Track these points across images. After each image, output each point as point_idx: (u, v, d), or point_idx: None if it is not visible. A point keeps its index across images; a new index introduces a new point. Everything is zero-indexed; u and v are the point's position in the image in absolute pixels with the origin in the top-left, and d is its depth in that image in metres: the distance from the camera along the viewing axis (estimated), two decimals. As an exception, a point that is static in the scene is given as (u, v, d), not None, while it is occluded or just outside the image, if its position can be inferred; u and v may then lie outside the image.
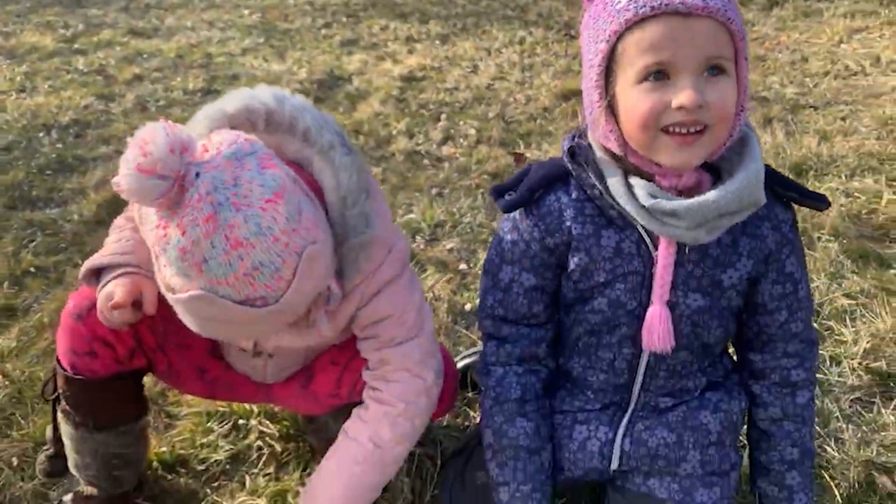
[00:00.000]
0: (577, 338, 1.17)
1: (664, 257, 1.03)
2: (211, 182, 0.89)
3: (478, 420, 1.53)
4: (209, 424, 1.62)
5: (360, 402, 1.31)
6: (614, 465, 1.17)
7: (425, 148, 3.09)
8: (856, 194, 2.48)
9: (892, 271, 2.06)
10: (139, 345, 1.25)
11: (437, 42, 4.62)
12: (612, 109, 0.98)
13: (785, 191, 1.07)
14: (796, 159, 2.74)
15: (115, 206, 2.64)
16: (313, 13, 5.40)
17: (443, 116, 3.42)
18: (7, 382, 1.74)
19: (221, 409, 1.65)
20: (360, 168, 1.10)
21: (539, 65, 4.13)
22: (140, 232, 1.18)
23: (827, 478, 1.42)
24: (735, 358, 1.25)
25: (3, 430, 1.62)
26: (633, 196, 1.00)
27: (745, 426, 1.24)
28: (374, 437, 1.21)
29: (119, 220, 1.32)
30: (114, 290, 1.13)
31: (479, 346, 1.67)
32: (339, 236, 1.07)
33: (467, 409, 1.67)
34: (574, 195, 1.08)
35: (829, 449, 1.48)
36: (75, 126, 3.41)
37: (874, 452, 1.47)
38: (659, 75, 0.92)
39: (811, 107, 3.33)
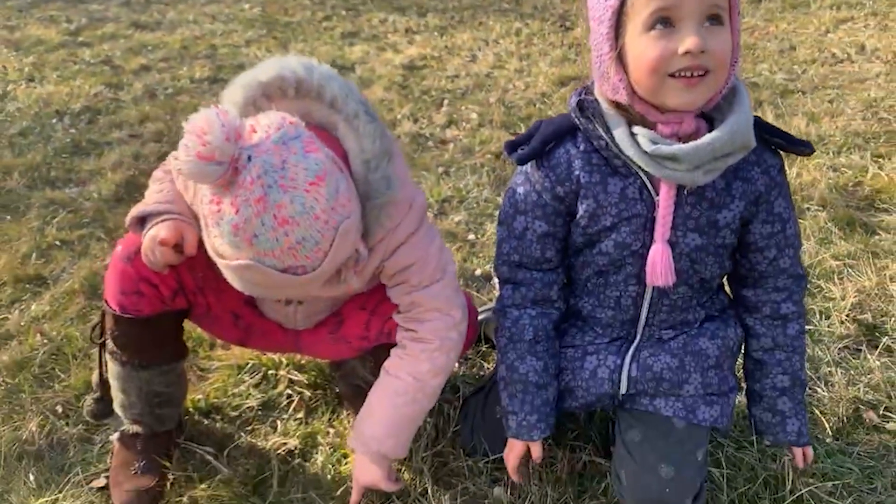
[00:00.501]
0: (587, 279, 1.28)
1: (665, 200, 1.14)
2: (261, 166, 0.99)
3: (492, 369, 1.64)
4: (240, 376, 1.72)
5: (388, 344, 1.42)
6: (623, 390, 1.27)
7: (429, 131, 3.20)
8: (843, 169, 2.61)
9: (876, 237, 2.18)
10: (181, 287, 1.35)
11: (436, 33, 4.73)
12: (621, 60, 1.08)
13: (772, 137, 1.18)
14: (786, 138, 2.86)
15: (133, 185, 2.75)
16: (313, 7, 5.50)
17: (445, 102, 3.53)
18: (46, 340, 1.84)
19: (251, 361, 1.75)
20: (382, 134, 1.20)
21: (536, 54, 4.24)
22: (183, 195, 1.30)
23: (818, 413, 1.54)
24: (731, 295, 1.36)
25: (45, 382, 1.72)
26: (636, 144, 1.10)
27: (742, 356, 1.35)
28: (414, 371, 1.32)
29: (158, 173, 1.41)
30: (158, 231, 1.23)
31: (491, 305, 1.77)
32: (362, 197, 1.17)
33: (482, 361, 1.78)
34: (582, 147, 1.18)
35: (819, 390, 1.60)
36: (87, 113, 3.49)
37: (861, 392, 1.59)
38: (665, 23, 1.02)
39: (800, 91, 3.45)
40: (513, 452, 1.34)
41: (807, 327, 1.79)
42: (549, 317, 1.31)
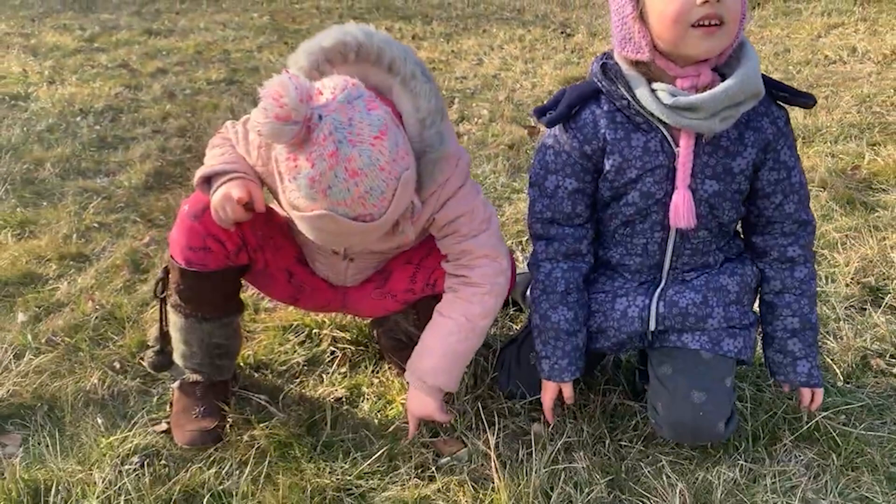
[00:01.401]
0: (615, 230, 1.40)
1: (685, 148, 1.26)
2: (332, 123, 1.11)
3: (522, 325, 1.76)
4: (285, 335, 1.83)
5: (432, 296, 1.53)
6: (651, 327, 1.39)
7: (443, 126, 3.33)
8: (840, 155, 2.75)
9: (875, 213, 2.31)
10: (244, 243, 1.46)
11: (442, 39, 4.89)
12: (643, 19, 1.21)
13: (778, 92, 1.30)
14: (785, 129, 3.01)
15: (162, 175, 2.86)
16: (320, 15, 5.66)
17: (456, 100, 3.67)
18: (97, 307, 1.94)
19: (295, 322, 1.86)
20: (437, 93, 1.32)
21: (540, 58, 4.39)
22: (247, 154, 1.41)
23: (829, 361, 1.66)
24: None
25: (101, 343, 1.81)
26: (657, 99, 1.23)
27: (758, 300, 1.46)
28: (466, 312, 1.42)
29: (216, 140, 1.52)
30: (230, 190, 1.34)
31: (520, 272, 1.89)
32: (417, 153, 1.29)
33: (510, 323, 1.89)
34: (605, 108, 1.31)
35: (829, 342, 1.72)
36: (109, 111, 3.61)
37: (868, 342, 1.71)
38: None
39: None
40: (547, 394, 1.45)
41: (812, 253, 1.93)
42: (579, 270, 1.43)
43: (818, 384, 1.39)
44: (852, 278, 1.95)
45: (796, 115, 3.17)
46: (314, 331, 1.83)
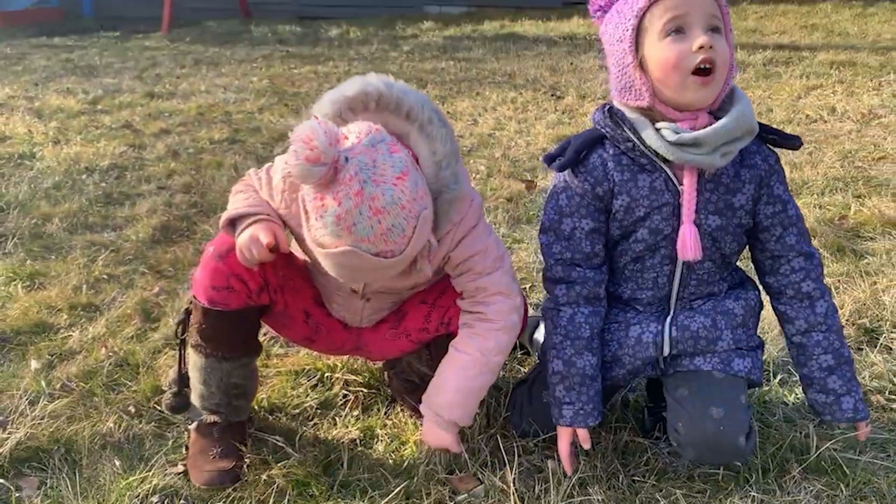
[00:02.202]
0: (624, 266, 1.46)
1: (689, 186, 1.34)
2: (357, 165, 1.19)
3: (531, 366, 1.80)
4: (297, 380, 1.86)
5: (446, 335, 1.57)
6: (665, 352, 1.44)
7: (442, 181, 3.42)
8: (827, 206, 2.85)
9: (865, 260, 2.40)
10: (265, 283, 1.51)
11: (437, 101, 5.04)
12: (643, 68, 1.31)
13: (768, 135, 1.40)
14: (773, 183, 3.12)
15: (169, 229, 2.92)
16: (318, 79, 5.84)
17: (453, 158, 3.77)
18: (111, 354, 1.96)
19: (307, 366, 1.89)
20: (452, 137, 1.40)
21: (532, 118, 4.54)
22: (270, 198, 1.47)
23: (830, 397, 1.70)
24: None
25: (115, 388, 1.84)
26: (662, 137, 1.32)
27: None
28: (481, 347, 1.47)
29: (239, 186, 1.59)
30: (257, 233, 1.40)
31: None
32: (433, 193, 1.36)
33: (518, 366, 1.93)
34: (611, 151, 1.39)
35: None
36: (114, 169, 3.69)
37: (867, 379, 1.76)
38: (678, 31, 1.27)
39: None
40: (563, 440, 1.47)
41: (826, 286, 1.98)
42: (599, 314, 1.47)
43: (865, 416, 1.42)
44: (847, 320, 2.01)
45: (784, 168, 3.29)
46: (326, 375, 1.87)
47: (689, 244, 1.35)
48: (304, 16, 10.84)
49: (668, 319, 1.45)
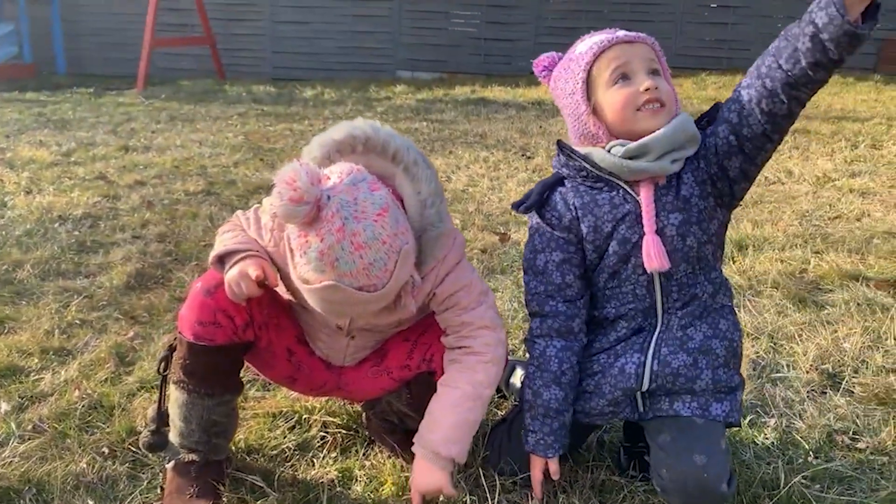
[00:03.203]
0: (604, 286, 1.52)
1: (646, 197, 1.42)
2: (339, 202, 1.25)
3: (504, 413, 1.82)
4: (275, 422, 1.85)
5: (427, 374, 1.60)
6: (645, 386, 1.48)
7: (417, 234, 3.48)
8: (788, 261, 2.97)
9: (825, 311, 2.49)
10: (251, 319, 1.53)
11: (411, 159, 5.16)
12: (596, 114, 1.44)
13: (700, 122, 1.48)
14: (738, 239, 3.24)
15: (143, 276, 2.91)
16: (293, 137, 5.93)
17: (428, 212, 3.85)
18: (84, 396, 1.94)
19: (285, 409, 1.88)
20: (435, 178, 1.47)
21: (504, 176, 4.66)
22: (259, 237, 1.51)
23: (798, 438, 1.75)
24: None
25: (88, 430, 1.81)
26: (612, 156, 1.42)
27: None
28: (472, 380, 1.50)
29: (226, 226, 1.62)
30: (246, 268, 1.43)
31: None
32: (418, 231, 1.42)
33: (496, 410, 1.95)
34: (570, 186, 1.50)
35: (796, 421, 1.83)
36: (88, 218, 3.68)
37: (832, 421, 1.82)
38: (624, 78, 1.40)
39: (742, 205, 3.90)
40: (535, 468, 1.54)
41: (777, 375, 2.05)
42: (572, 349, 1.53)
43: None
44: (811, 366, 2.09)
45: (745, 226, 3.43)
46: (304, 416, 1.86)
47: (653, 252, 1.41)
48: (278, 77, 11.06)
49: (652, 348, 1.49)
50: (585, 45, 1.46)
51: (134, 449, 1.71)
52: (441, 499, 1.52)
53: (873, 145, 5.16)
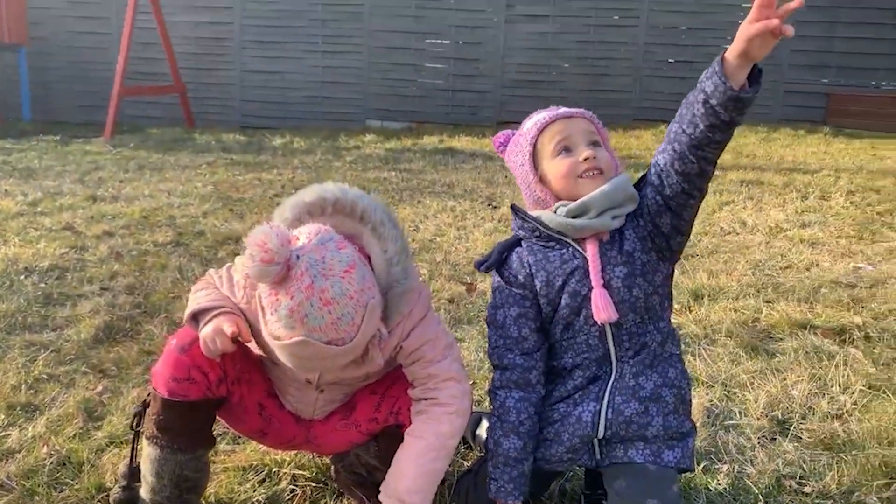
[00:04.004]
0: (560, 337, 1.61)
1: (592, 253, 1.54)
2: (308, 261, 1.33)
3: (471, 463, 1.88)
4: (245, 475, 1.88)
5: (395, 426, 1.66)
6: (601, 433, 1.56)
7: (385, 285, 3.55)
8: (741, 310, 3.10)
9: (776, 358, 2.61)
10: (224, 375, 1.58)
11: (379, 209, 5.25)
12: (543, 181, 1.58)
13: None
14: (694, 288, 3.37)
15: (112, 329, 2.92)
16: (262, 186, 6.00)
17: (395, 262, 3.92)
18: (52, 453, 1.95)
19: (254, 462, 1.92)
20: (402, 237, 1.56)
21: (470, 226, 4.78)
22: (231, 294, 1.58)
23: (749, 483, 1.84)
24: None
25: (57, 487, 1.82)
26: (558, 216, 1.55)
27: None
28: (436, 431, 1.57)
29: (199, 285, 1.68)
30: (221, 324, 1.49)
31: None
32: (384, 288, 1.50)
33: (462, 461, 2.01)
34: (525, 246, 1.62)
35: (747, 467, 1.92)
36: (55, 270, 3.68)
37: (780, 466, 1.92)
38: (566, 150, 1.55)
39: (699, 255, 4.06)
40: None
41: (729, 422, 2.15)
42: (529, 400, 1.62)
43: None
44: (762, 412, 2.19)
45: (701, 276, 3.57)
46: (273, 470, 1.90)
47: (601, 304, 1.51)
48: (247, 125, 11.16)
49: (606, 397, 1.57)
50: (531, 122, 1.62)
51: (110, 501, 1.72)
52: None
53: (822, 196, 5.40)
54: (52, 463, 1.90)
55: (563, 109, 1.61)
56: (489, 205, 5.40)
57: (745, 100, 1.35)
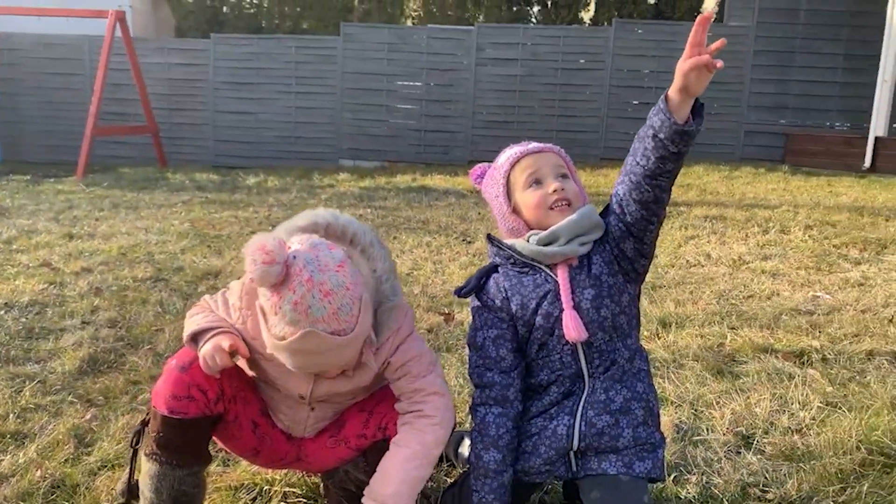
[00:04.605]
0: (535, 356, 1.72)
1: (562, 277, 1.67)
2: (304, 259, 1.46)
3: (455, 478, 1.97)
4: (236, 494, 1.94)
5: (383, 441, 1.75)
6: (575, 445, 1.66)
7: (364, 316, 3.64)
8: (707, 336, 3.25)
9: (740, 380, 2.75)
10: (222, 393, 1.66)
11: (356, 245, 5.35)
12: (516, 212, 1.72)
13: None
14: (662, 317, 3.52)
15: (97, 360, 2.97)
16: (239, 223, 6.07)
17: (374, 295, 4.02)
18: (46, 476, 1.99)
19: (246, 482, 1.98)
20: (389, 257, 1.69)
21: (446, 260, 4.91)
22: (227, 315, 1.67)
23: (716, 492, 1.96)
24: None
25: (52, 507, 1.87)
26: (530, 244, 1.68)
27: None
28: (421, 440, 1.66)
29: (194, 310, 1.77)
30: (219, 342, 1.59)
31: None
32: (374, 304, 1.62)
33: (446, 478, 2.09)
34: (501, 272, 1.75)
35: (714, 478, 2.04)
36: (35, 306, 3.70)
37: (745, 476, 2.04)
38: (536, 182, 1.69)
39: (666, 286, 4.23)
40: None
41: (697, 437, 2.27)
42: (507, 415, 1.73)
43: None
44: (727, 428, 2.32)
45: (669, 305, 3.73)
46: (264, 488, 1.97)
47: (571, 325, 1.64)
48: (220, 165, 11.24)
49: (580, 411, 1.68)
50: (504, 157, 1.77)
51: (100, 524, 1.78)
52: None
53: (782, 230, 5.65)
54: (46, 486, 1.94)
55: (533, 144, 1.76)
56: (463, 240, 5.54)
57: (690, 132, 1.52)
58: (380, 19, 12.90)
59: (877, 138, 9.57)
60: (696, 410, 2.48)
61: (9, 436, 2.27)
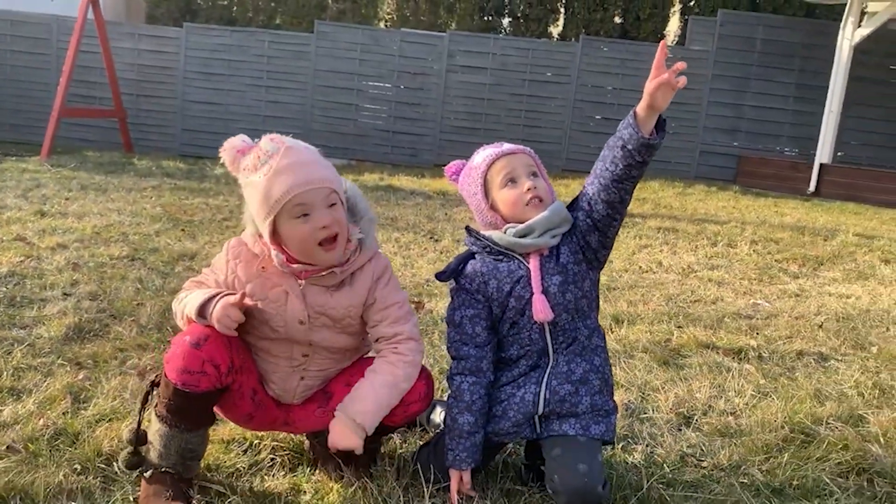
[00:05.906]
0: (507, 333, 1.95)
1: (534, 265, 1.89)
2: (279, 137, 1.77)
3: (428, 439, 2.20)
4: (228, 447, 2.13)
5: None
6: (540, 410, 1.90)
7: (338, 302, 3.83)
8: (656, 332, 3.54)
9: (683, 370, 3.03)
10: (232, 365, 1.82)
11: (326, 237, 5.52)
12: (493, 208, 1.94)
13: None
14: (615, 314, 3.80)
15: (82, 329, 3.09)
16: (210, 210, 6.18)
17: (346, 283, 4.21)
18: (48, 424, 2.14)
19: (236, 436, 2.16)
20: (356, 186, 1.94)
21: (415, 255, 5.12)
22: (218, 273, 1.88)
23: (659, 459, 2.22)
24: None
25: (59, 450, 2.02)
26: (507, 236, 1.90)
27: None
28: (393, 372, 1.87)
29: (188, 284, 1.94)
30: (227, 300, 1.76)
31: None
32: (356, 216, 1.89)
33: (419, 442, 2.31)
34: (478, 258, 1.97)
35: (657, 448, 2.30)
36: (13, 276, 3.79)
37: (684, 447, 2.30)
38: (511, 181, 1.91)
39: (620, 288, 4.52)
40: (453, 479, 1.93)
41: (644, 416, 2.53)
42: (480, 384, 1.95)
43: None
44: (670, 409, 2.59)
45: (622, 305, 4.01)
46: (254, 442, 2.15)
47: (539, 307, 1.87)
48: (186, 154, 11.24)
49: (545, 382, 1.92)
50: (480, 157, 1.96)
51: (104, 467, 1.94)
52: None
53: (729, 244, 6.02)
54: (49, 433, 2.09)
55: (506, 146, 1.97)
56: (431, 238, 5.76)
57: (654, 145, 1.78)
58: (354, 20, 13.06)
59: (822, 165, 10.15)
60: (643, 394, 2.75)
61: (5, 390, 2.40)
